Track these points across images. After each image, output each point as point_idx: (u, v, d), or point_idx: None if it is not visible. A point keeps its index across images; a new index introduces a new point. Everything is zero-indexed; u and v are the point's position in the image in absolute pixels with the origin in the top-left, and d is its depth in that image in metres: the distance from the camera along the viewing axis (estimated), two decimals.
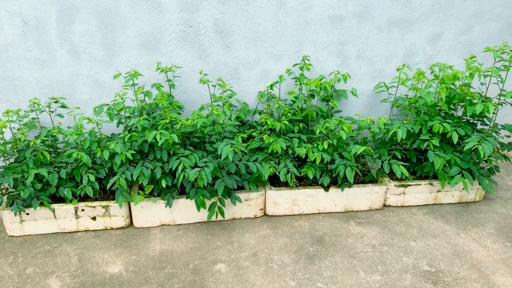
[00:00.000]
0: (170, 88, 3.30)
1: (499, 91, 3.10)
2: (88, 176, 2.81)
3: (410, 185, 3.23)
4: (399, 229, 3.02)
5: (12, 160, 3.37)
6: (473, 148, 3.01)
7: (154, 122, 3.03)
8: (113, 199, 2.97)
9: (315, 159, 3.00)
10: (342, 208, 3.21)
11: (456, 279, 2.55)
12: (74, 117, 2.89)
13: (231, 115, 3.09)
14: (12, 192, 2.92)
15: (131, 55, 3.30)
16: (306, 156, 3.17)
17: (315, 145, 3.03)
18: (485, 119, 3.28)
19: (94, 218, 2.96)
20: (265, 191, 3.09)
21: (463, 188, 3.27)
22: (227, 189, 2.94)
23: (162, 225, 3.05)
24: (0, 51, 3.13)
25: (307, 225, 3.06)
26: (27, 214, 2.88)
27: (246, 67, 3.48)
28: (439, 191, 3.28)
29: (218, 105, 3.18)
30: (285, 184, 3.18)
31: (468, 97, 3.10)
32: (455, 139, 2.96)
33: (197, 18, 3.25)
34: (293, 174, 2.97)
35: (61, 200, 2.98)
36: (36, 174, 2.88)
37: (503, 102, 3.16)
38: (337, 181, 3.14)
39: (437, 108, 3.31)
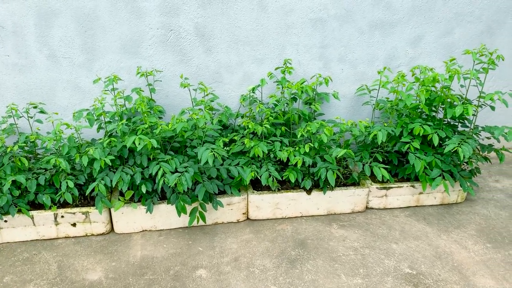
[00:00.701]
0: (150, 92, 3.28)
1: (479, 93, 3.12)
2: (67, 182, 2.78)
3: (392, 187, 3.24)
4: (381, 232, 3.03)
5: None
6: (453, 150, 3.02)
7: (134, 127, 3.01)
8: (94, 205, 2.94)
9: (296, 162, 3.00)
10: (324, 211, 3.21)
11: (437, 281, 2.56)
12: (52, 122, 2.86)
13: (212, 119, 3.08)
14: None
15: (112, 60, 3.27)
16: (288, 159, 3.16)
17: (297, 148, 3.03)
18: (465, 121, 3.30)
19: (74, 225, 2.92)
20: (247, 195, 3.08)
21: (445, 190, 3.29)
22: (208, 193, 2.92)
23: (143, 230, 3.02)
24: None
25: (289, 229, 3.05)
26: (5, 221, 2.83)
27: (228, 71, 3.47)
28: (421, 193, 3.29)
29: (200, 109, 3.16)
30: (268, 188, 3.17)
31: (448, 99, 3.12)
32: (436, 141, 2.97)
33: (177, 22, 3.24)
34: (275, 178, 2.96)
35: (40, 206, 2.94)
36: (14, 181, 2.83)
37: (482, 104, 3.19)
38: (319, 184, 3.14)
39: (418, 110, 3.32)
